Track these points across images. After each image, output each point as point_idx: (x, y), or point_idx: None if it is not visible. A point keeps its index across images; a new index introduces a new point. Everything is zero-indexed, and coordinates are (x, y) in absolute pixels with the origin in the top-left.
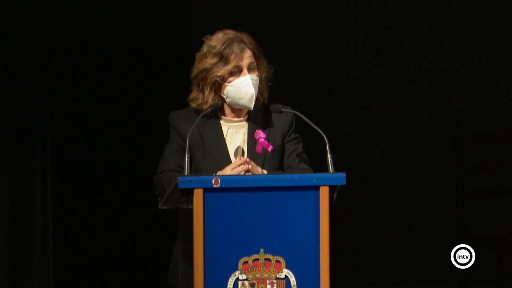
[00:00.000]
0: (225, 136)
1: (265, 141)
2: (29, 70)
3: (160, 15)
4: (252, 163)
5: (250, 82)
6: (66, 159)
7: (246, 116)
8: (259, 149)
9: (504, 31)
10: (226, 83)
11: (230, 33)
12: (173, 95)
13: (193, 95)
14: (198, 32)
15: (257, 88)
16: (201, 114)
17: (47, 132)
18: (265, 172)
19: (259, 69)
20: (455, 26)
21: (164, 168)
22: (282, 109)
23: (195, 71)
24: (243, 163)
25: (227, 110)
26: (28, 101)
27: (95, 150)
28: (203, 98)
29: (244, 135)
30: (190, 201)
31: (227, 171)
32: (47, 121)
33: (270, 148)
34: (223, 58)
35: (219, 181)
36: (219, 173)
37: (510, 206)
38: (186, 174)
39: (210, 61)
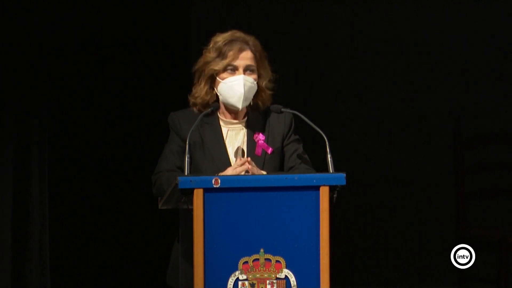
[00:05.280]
0: (224, 138)
1: (265, 144)
2: (28, 70)
3: (160, 15)
4: (252, 163)
5: (242, 82)
6: (64, 159)
7: (246, 118)
8: (258, 151)
9: (504, 32)
10: (220, 80)
11: (237, 33)
12: (172, 95)
13: (193, 88)
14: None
15: (252, 90)
16: (202, 114)
17: (46, 133)
18: (264, 173)
19: (259, 74)
20: (455, 26)
21: (162, 168)
22: (282, 109)
23: (197, 64)
24: (244, 163)
25: (225, 111)
26: (27, 102)
27: (94, 150)
28: (197, 91)
29: (244, 137)
30: (190, 201)
31: (228, 171)
32: (46, 121)
33: (269, 151)
34: (221, 54)
35: (219, 181)
36: (221, 174)
37: (510, 206)
38: (186, 174)
39: (211, 55)
